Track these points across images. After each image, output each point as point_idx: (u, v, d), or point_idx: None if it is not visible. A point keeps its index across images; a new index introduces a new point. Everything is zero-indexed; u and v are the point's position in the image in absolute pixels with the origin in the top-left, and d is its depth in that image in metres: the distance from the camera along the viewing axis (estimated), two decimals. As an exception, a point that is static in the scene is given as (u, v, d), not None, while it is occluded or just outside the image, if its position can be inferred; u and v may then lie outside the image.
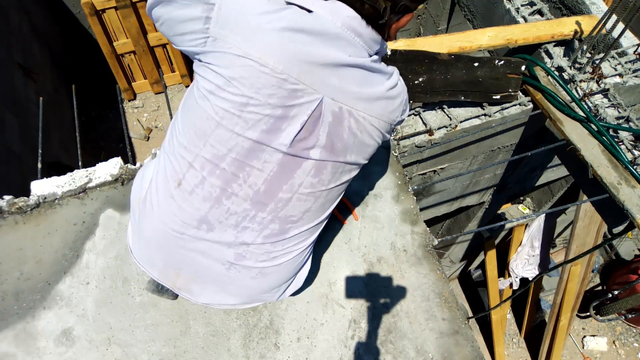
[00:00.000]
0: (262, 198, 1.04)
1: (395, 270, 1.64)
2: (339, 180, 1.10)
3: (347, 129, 1.00)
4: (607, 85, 2.19)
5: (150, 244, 1.15)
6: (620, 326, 6.94)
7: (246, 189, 1.03)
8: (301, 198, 1.06)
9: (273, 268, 1.15)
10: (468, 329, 1.56)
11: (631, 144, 2.02)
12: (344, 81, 0.97)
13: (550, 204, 5.01)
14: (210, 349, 1.43)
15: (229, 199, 1.04)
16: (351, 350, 1.48)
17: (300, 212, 1.08)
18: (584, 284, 5.35)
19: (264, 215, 1.06)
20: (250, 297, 1.22)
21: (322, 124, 0.99)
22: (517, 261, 5.85)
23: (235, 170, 1.01)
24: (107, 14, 4.04)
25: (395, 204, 1.79)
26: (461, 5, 3.03)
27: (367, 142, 1.06)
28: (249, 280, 1.16)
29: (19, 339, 1.37)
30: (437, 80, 2.00)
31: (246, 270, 1.13)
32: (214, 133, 0.99)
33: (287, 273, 1.20)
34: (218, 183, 1.02)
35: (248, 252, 1.11)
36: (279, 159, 1.00)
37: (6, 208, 1.54)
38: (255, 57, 0.91)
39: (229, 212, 1.05)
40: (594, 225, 4.78)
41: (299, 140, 0.99)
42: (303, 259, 1.22)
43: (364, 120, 1.01)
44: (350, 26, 0.95)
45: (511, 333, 6.91)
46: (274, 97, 0.94)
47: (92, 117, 4.87)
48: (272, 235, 1.10)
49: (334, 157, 1.03)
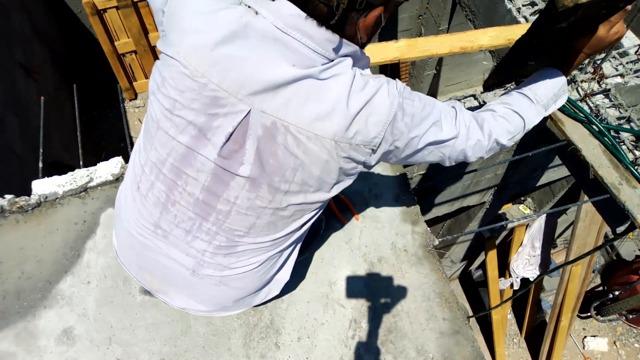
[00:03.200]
0: (203, 208, 0.98)
1: (396, 270, 1.64)
2: (289, 204, 0.97)
3: (281, 146, 0.87)
4: (608, 85, 2.19)
5: (124, 246, 1.15)
6: (621, 327, 6.94)
7: (187, 197, 0.97)
8: (240, 212, 0.97)
9: (234, 277, 1.10)
10: (469, 329, 1.56)
11: (632, 145, 2.02)
12: (279, 95, 0.83)
13: (551, 204, 5.00)
14: (210, 348, 1.43)
15: (173, 206, 0.99)
16: (352, 350, 1.48)
17: (245, 226, 1.00)
18: (585, 284, 5.35)
19: (209, 226, 1.00)
20: (221, 305, 1.18)
21: (249, 138, 0.88)
22: (517, 261, 5.85)
23: (174, 177, 0.96)
24: (109, 13, 4.05)
25: (395, 204, 1.79)
26: (462, 5, 3.03)
27: (319, 168, 0.90)
28: (214, 288, 1.11)
29: (20, 338, 1.37)
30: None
31: (208, 277, 1.09)
32: (156, 135, 0.94)
33: (252, 283, 1.14)
34: (163, 188, 0.98)
35: (204, 261, 1.06)
36: (211, 168, 0.93)
37: (7, 207, 1.55)
38: (181, 58, 0.85)
39: (177, 219, 1.01)
40: (595, 226, 4.78)
41: (229, 152, 0.90)
42: (270, 268, 1.16)
43: (307, 140, 0.85)
44: (296, 26, 0.81)
45: (512, 333, 6.91)
46: (196, 102, 0.86)
47: (93, 116, 4.88)
48: (222, 248, 1.04)
49: (267, 177, 0.91)
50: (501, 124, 1.12)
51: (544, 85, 1.21)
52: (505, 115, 1.14)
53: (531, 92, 1.20)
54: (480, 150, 1.09)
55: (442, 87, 6.22)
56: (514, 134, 1.15)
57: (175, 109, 0.89)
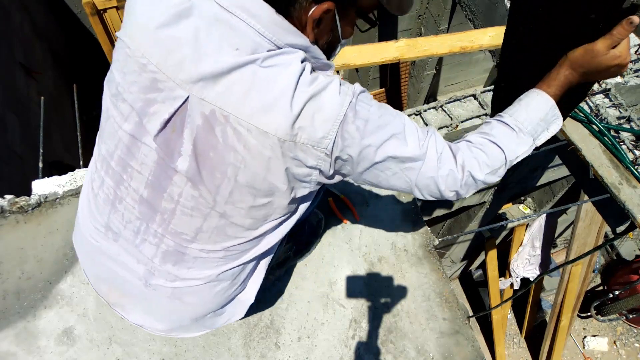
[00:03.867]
0: (148, 206, 0.90)
1: (396, 269, 1.64)
2: (235, 206, 0.87)
3: (220, 139, 0.79)
4: (608, 85, 2.19)
5: (82, 253, 1.08)
6: (621, 326, 6.94)
7: (132, 194, 0.90)
8: (185, 212, 0.88)
9: (186, 290, 0.99)
10: (469, 329, 1.56)
11: (632, 144, 2.02)
12: (219, 83, 0.77)
13: (551, 204, 5.00)
14: (210, 348, 1.43)
15: (120, 203, 0.92)
16: (352, 350, 1.48)
17: (191, 230, 0.91)
18: (585, 284, 5.35)
19: (156, 228, 0.92)
20: (178, 324, 1.08)
21: (187, 127, 0.80)
22: (518, 261, 5.85)
23: (120, 171, 0.89)
24: (109, 13, 4.05)
25: (396, 204, 1.79)
26: (462, 5, 3.03)
27: (262, 167, 0.81)
28: (167, 301, 1.01)
29: (20, 338, 1.37)
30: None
31: (160, 288, 0.99)
32: (106, 125, 0.89)
33: (209, 299, 1.03)
34: (111, 184, 0.91)
35: (154, 269, 0.97)
36: (154, 161, 0.85)
37: (7, 207, 1.55)
38: (126, 38, 0.81)
39: (124, 219, 0.93)
40: (595, 226, 4.78)
41: (167, 142, 0.83)
42: (230, 286, 1.04)
43: (248, 133, 0.77)
44: (242, 5, 0.76)
45: (512, 333, 6.92)
46: (136, 85, 0.81)
47: (93, 116, 4.87)
48: (170, 254, 0.94)
49: (207, 173, 0.83)
50: (476, 155, 0.97)
51: (526, 109, 1.03)
52: (482, 146, 0.99)
53: (511, 119, 1.02)
54: (454, 183, 0.95)
55: (442, 86, 6.22)
56: (493, 167, 0.98)
57: (119, 93, 0.84)
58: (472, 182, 0.97)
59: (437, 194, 0.96)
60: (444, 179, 0.93)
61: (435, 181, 0.93)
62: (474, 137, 1.02)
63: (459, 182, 0.95)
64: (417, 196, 0.98)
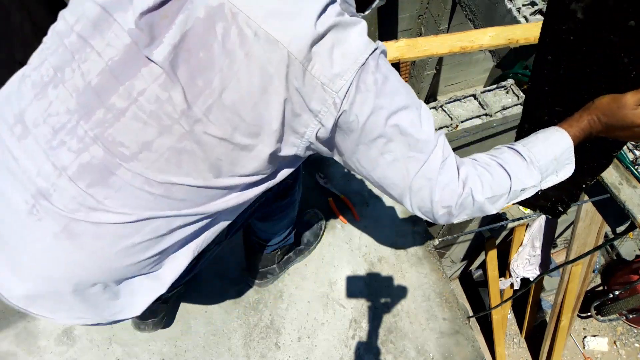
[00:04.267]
0: (91, 98, 0.71)
1: (396, 270, 1.64)
2: (205, 131, 0.69)
3: (219, 39, 0.65)
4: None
5: None
6: (621, 326, 6.94)
7: (77, 78, 0.72)
8: (139, 116, 0.69)
9: (88, 227, 0.72)
10: (469, 329, 1.56)
11: (632, 144, 2.02)
12: None
13: (551, 204, 5.00)
14: (211, 348, 1.43)
15: (56, 87, 0.73)
16: (352, 350, 1.48)
17: (136, 142, 0.70)
18: (585, 284, 5.35)
19: (87, 129, 0.70)
20: (51, 285, 0.77)
21: (183, 13, 0.66)
22: (518, 261, 5.85)
23: (74, 50, 0.73)
24: (109, 13, 4.06)
25: (396, 204, 1.79)
26: (462, 5, 3.03)
27: (258, 84, 0.67)
28: (51, 240, 0.73)
29: (20, 338, 1.37)
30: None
31: (51, 216, 0.72)
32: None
33: (110, 254, 0.75)
34: (54, 63, 0.74)
35: (57, 186, 0.72)
36: (125, 45, 0.69)
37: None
38: None
39: (49, 110, 0.73)
40: (595, 226, 4.78)
41: (151, 27, 0.68)
42: (151, 246, 0.78)
43: (254, 38, 0.65)
44: None
45: (512, 333, 6.92)
46: None
47: (93, 116, 4.88)
48: (91, 169, 0.71)
49: (187, 74, 0.67)
50: (480, 173, 0.87)
51: (543, 142, 0.94)
52: (488, 166, 0.89)
53: (524, 149, 0.93)
54: (451, 196, 0.83)
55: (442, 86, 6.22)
56: (496, 193, 0.88)
57: None
58: (469, 203, 0.86)
59: (427, 205, 0.84)
60: (442, 187, 0.82)
61: (431, 186, 0.82)
62: (481, 156, 0.93)
63: (456, 197, 0.84)
64: (404, 203, 0.85)
